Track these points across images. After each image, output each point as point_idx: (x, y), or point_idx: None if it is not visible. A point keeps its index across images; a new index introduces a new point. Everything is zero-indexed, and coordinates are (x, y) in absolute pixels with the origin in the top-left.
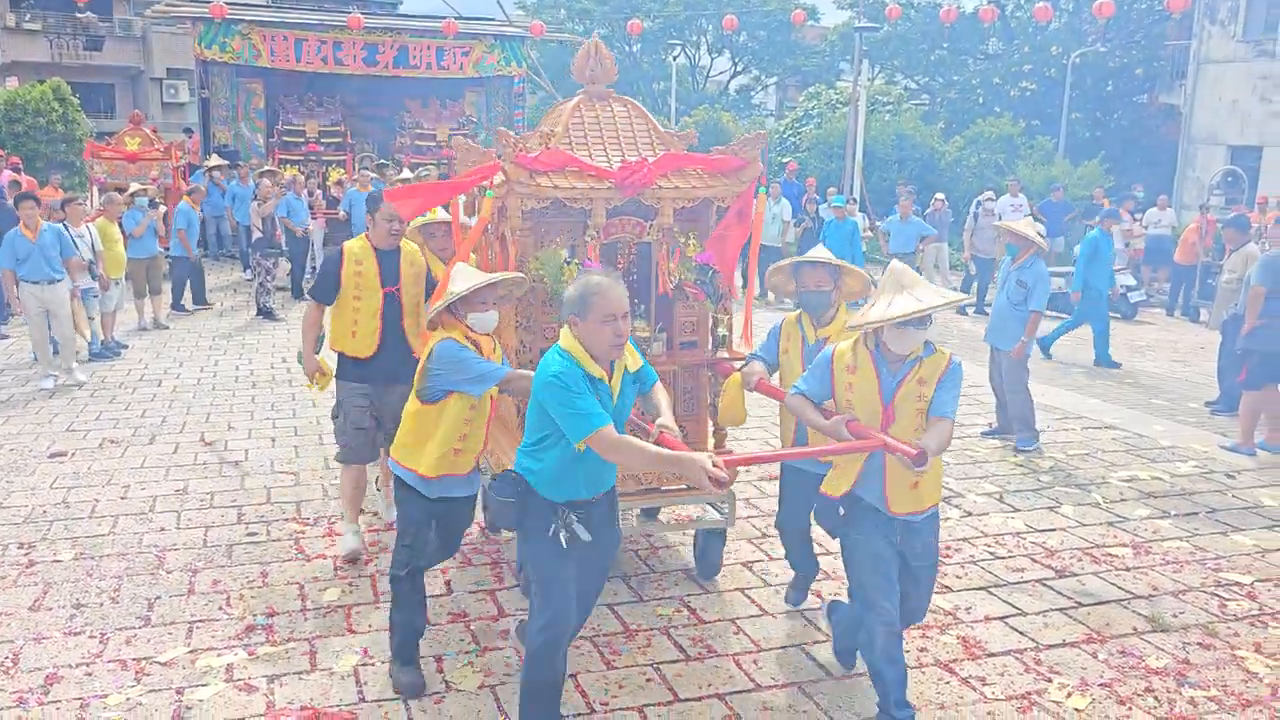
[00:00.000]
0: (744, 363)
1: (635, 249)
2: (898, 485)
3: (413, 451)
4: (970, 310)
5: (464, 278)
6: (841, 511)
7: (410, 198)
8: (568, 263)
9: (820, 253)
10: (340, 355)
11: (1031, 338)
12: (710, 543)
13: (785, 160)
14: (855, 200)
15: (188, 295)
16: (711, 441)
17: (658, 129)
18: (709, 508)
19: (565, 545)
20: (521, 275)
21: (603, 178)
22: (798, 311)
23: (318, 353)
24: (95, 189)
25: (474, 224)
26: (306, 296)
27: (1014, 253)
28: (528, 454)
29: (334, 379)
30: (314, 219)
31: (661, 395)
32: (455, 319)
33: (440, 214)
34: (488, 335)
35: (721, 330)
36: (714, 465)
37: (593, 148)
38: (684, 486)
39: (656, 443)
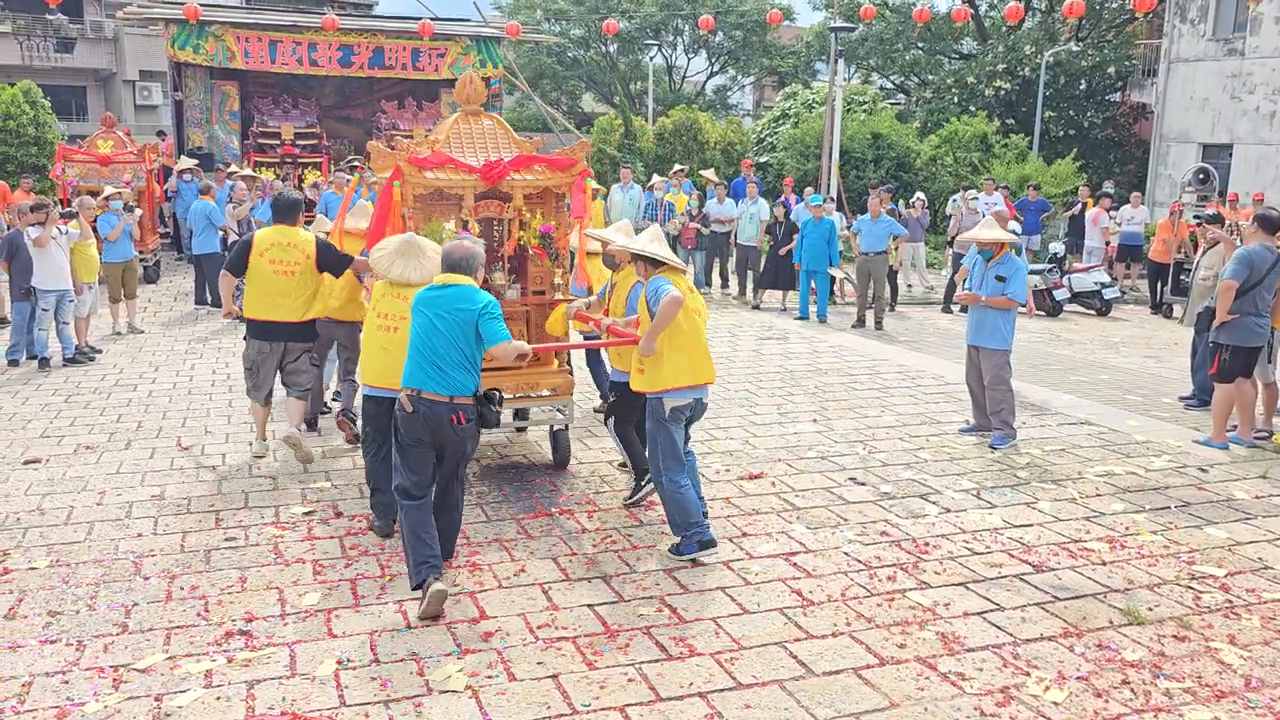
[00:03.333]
0: (570, 301)
1: (497, 223)
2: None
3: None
4: (957, 308)
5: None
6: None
7: (373, 236)
8: (448, 230)
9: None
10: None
11: (999, 311)
12: (559, 438)
13: (762, 160)
14: (832, 199)
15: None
16: (556, 363)
17: (514, 137)
18: (559, 412)
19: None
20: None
21: (470, 172)
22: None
23: None
24: (67, 192)
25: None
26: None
27: (988, 255)
28: (475, 373)
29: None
30: None
31: None
32: None
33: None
34: None
35: (557, 280)
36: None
37: (466, 151)
38: (542, 394)
39: None
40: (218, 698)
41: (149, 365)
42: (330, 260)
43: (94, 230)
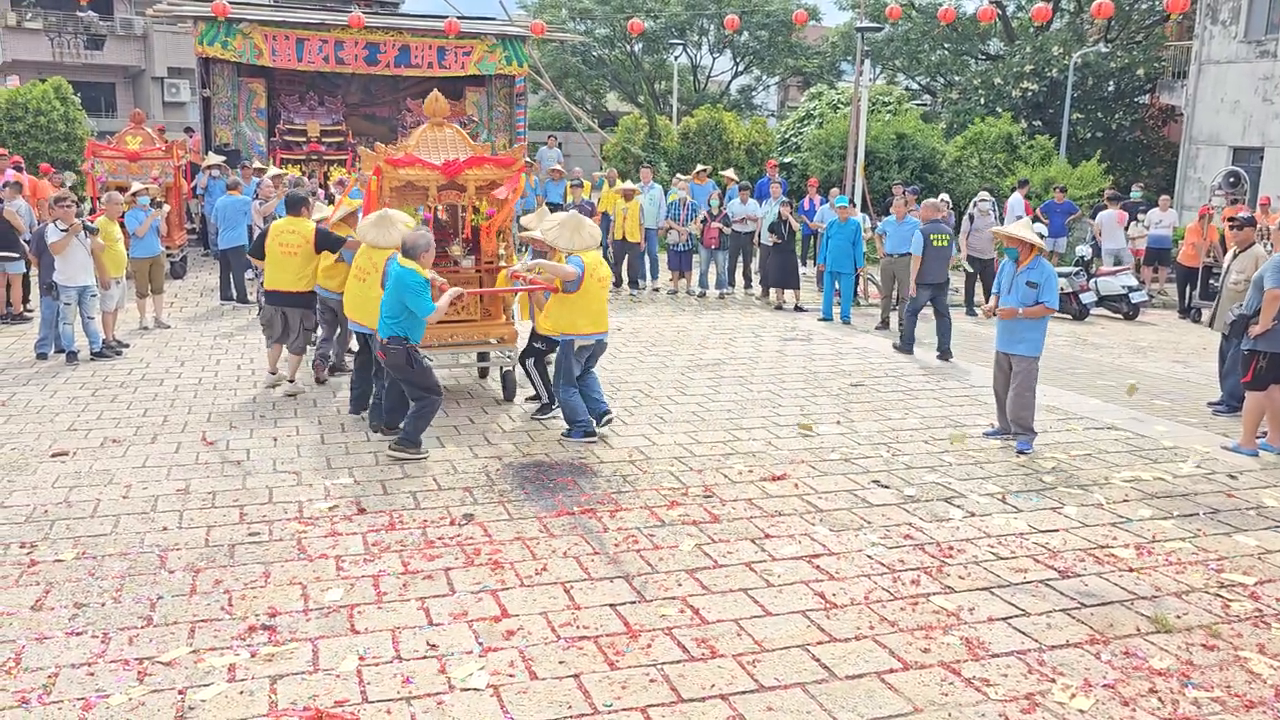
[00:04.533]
0: (510, 267)
1: (458, 208)
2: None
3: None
4: (980, 312)
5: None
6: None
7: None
8: (417, 212)
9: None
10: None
11: (1032, 319)
12: (506, 377)
13: (787, 160)
14: (854, 203)
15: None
16: (504, 318)
17: (470, 142)
18: (506, 355)
19: (429, 365)
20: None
21: (433, 169)
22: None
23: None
24: (96, 188)
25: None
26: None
27: (1014, 255)
28: (397, 324)
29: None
30: None
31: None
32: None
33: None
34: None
35: (501, 251)
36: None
37: (432, 152)
38: (492, 341)
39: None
40: (241, 692)
41: (175, 360)
42: (325, 242)
43: (122, 226)
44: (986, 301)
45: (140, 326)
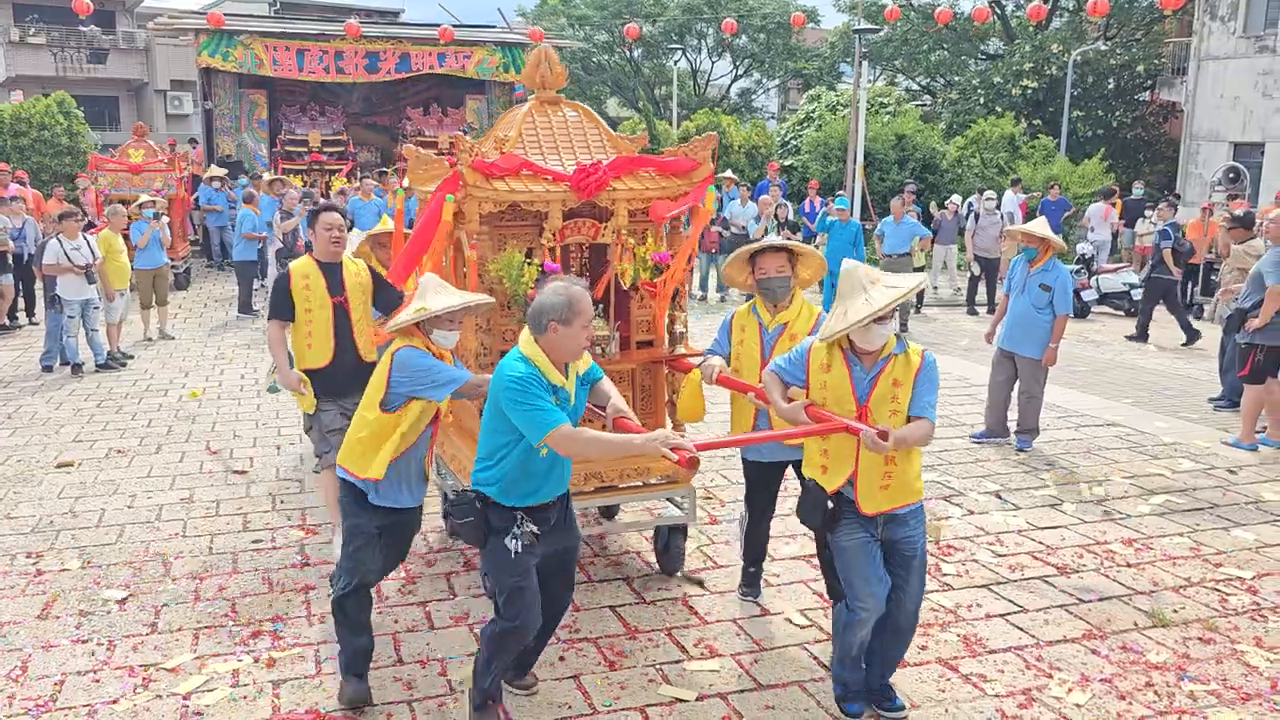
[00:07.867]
0: (702, 358)
1: (589, 250)
2: (867, 485)
3: (364, 458)
4: (982, 310)
5: (438, 296)
6: (830, 506)
7: (404, 267)
8: (528, 263)
9: (776, 238)
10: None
11: (1059, 343)
12: (672, 538)
13: (787, 163)
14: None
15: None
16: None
17: (609, 132)
18: (670, 503)
19: (522, 553)
20: (491, 299)
21: (558, 181)
22: (749, 302)
23: (291, 367)
24: (100, 201)
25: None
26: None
27: (1031, 255)
28: (483, 467)
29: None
30: None
31: (609, 384)
32: (419, 330)
33: (388, 223)
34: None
35: (679, 327)
36: (674, 439)
37: (546, 152)
38: (642, 483)
39: (615, 428)
40: (244, 697)
41: (179, 371)
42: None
43: (125, 238)
44: (990, 300)
45: (144, 338)
